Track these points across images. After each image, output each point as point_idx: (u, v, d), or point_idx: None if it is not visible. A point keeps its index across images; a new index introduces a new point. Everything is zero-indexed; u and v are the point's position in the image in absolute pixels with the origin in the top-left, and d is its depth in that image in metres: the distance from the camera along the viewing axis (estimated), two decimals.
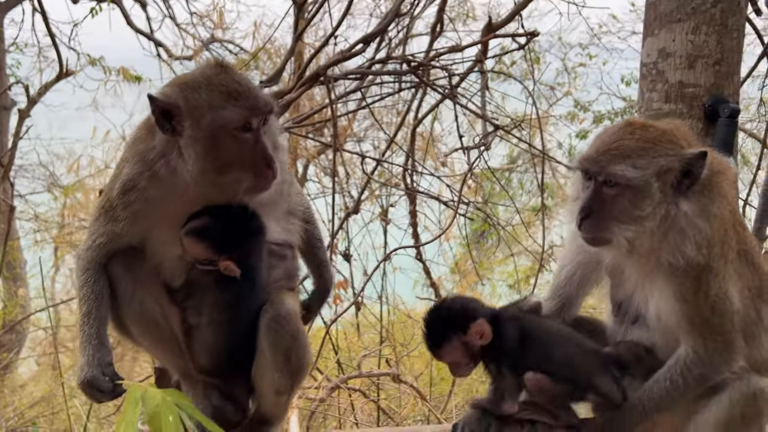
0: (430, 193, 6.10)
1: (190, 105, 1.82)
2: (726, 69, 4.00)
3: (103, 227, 1.96)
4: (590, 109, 11.55)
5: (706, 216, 1.79)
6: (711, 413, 1.86)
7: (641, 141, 1.77)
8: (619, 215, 1.76)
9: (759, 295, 1.93)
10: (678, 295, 1.81)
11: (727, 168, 1.91)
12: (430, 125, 7.55)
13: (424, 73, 4.77)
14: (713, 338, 1.82)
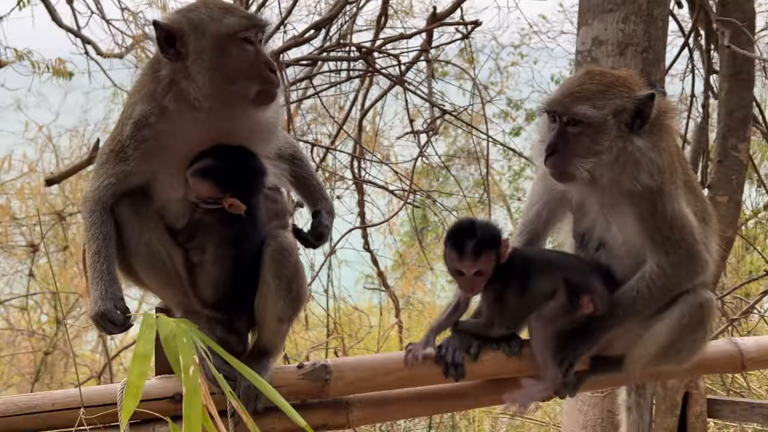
0: (378, 182, 6.23)
1: (192, 22, 1.92)
2: (653, 56, 4.34)
3: (112, 168, 2.00)
4: (522, 107, 12.01)
5: (657, 149, 2.03)
6: (665, 322, 2.09)
7: (600, 85, 1.99)
8: (581, 151, 1.97)
9: (702, 219, 2.17)
10: (638, 218, 2.03)
11: (671, 108, 2.15)
12: (374, 117, 7.71)
13: (373, 60, 4.92)
14: (676, 252, 2.03)
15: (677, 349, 2.11)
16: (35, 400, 1.89)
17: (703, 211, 2.19)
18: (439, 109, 4.95)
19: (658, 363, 2.16)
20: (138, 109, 2.00)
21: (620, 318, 2.07)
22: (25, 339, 9.96)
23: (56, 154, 10.73)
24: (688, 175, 2.18)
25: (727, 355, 2.32)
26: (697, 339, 2.12)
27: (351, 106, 5.91)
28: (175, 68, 1.93)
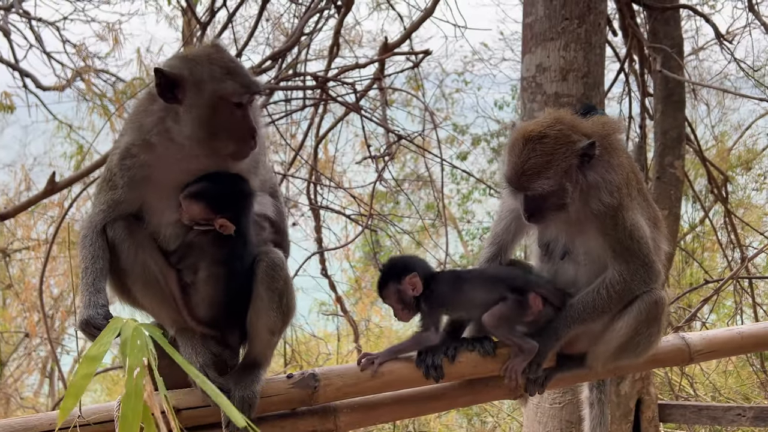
0: (334, 207, 6.35)
1: (194, 77, 2.03)
2: (593, 80, 4.64)
3: (104, 197, 2.13)
4: (468, 132, 12.40)
5: (612, 169, 2.27)
6: (624, 320, 2.29)
7: (544, 156, 2.19)
8: (552, 207, 2.24)
9: (654, 224, 2.39)
10: (601, 231, 2.26)
11: (615, 125, 2.38)
12: (325, 146, 7.85)
13: (328, 89, 5.08)
14: (634, 261, 2.25)
15: (635, 343, 2.30)
16: (32, 422, 1.91)
17: (654, 217, 2.42)
18: (394, 134, 5.13)
19: (618, 358, 2.35)
20: (124, 140, 2.11)
21: (581, 318, 2.26)
22: None
23: None
24: (640, 183, 2.40)
25: (676, 348, 2.52)
26: (653, 333, 2.32)
27: (306, 133, 6.04)
28: (168, 108, 2.05)
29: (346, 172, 8.12)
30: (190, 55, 2.10)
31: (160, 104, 2.04)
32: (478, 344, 2.24)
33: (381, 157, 5.19)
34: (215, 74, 2.02)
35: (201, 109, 2.02)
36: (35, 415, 1.95)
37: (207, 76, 2.02)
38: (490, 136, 12.44)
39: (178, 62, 2.07)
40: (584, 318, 2.26)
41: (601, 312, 2.27)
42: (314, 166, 5.91)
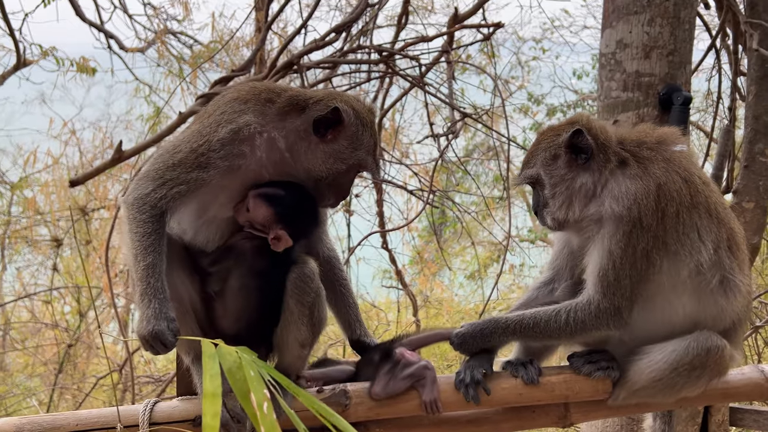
0: (397, 182, 6.21)
1: (356, 134, 2.09)
2: (679, 59, 4.26)
3: (186, 174, 1.94)
4: (543, 102, 11.89)
5: (628, 177, 2.04)
6: (666, 352, 2.06)
7: (533, 146, 2.22)
8: (543, 203, 2.16)
9: (728, 248, 2.11)
10: (606, 250, 2.02)
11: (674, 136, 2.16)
12: (393, 117, 7.69)
13: (393, 62, 4.89)
14: (610, 299, 2.02)
15: (671, 383, 2.08)
16: (59, 420, 1.91)
17: (729, 239, 2.13)
18: (459, 112, 4.91)
19: (645, 393, 2.13)
20: (246, 118, 2.00)
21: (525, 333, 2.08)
22: (49, 330, 10.13)
23: (79, 149, 10.86)
24: (707, 197, 2.11)
25: (753, 382, 2.27)
26: (693, 379, 2.08)
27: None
28: (308, 134, 2.05)
29: (413, 143, 7.94)
30: (359, 110, 2.13)
31: (303, 127, 2.04)
32: (522, 369, 2.08)
33: (444, 135, 4.98)
34: (368, 144, 2.12)
35: (345, 160, 2.07)
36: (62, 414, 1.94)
37: (365, 140, 2.10)
38: (566, 107, 11.90)
39: (351, 111, 2.09)
40: (528, 334, 2.08)
41: (549, 336, 2.09)
42: (378, 140, 5.76)
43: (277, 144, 2.02)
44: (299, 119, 2.04)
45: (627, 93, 4.27)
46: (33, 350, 10.25)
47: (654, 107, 4.24)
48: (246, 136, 1.97)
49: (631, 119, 4.27)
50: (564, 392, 2.08)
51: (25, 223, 10.40)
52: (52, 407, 8.83)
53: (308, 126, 2.04)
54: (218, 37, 9.72)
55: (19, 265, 10.75)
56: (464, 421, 2.08)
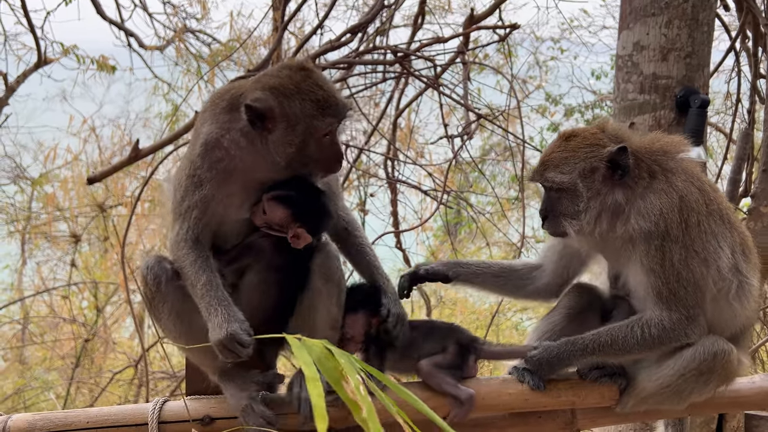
0: (411, 182, 6.22)
1: (285, 111, 1.98)
2: (696, 61, 4.21)
3: (191, 199, 2.00)
4: (561, 102, 11.81)
5: (654, 192, 2.04)
6: (673, 362, 2.06)
7: (566, 151, 2.10)
8: (565, 211, 2.10)
9: (742, 251, 2.11)
10: (646, 267, 2.02)
11: (677, 145, 2.15)
12: (408, 117, 7.68)
13: (409, 63, 4.89)
14: (678, 310, 2.01)
15: (679, 390, 2.07)
16: (70, 418, 1.94)
17: (742, 244, 2.13)
18: (474, 113, 4.90)
19: (653, 400, 2.11)
20: (207, 129, 2.03)
21: (604, 351, 2.05)
22: (67, 325, 10.26)
23: (99, 146, 10.98)
24: (719, 204, 2.11)
25: (764, 391, 2.24)
26: (697, 386, 2.07)
27: (386, 106, 5.89)
28: (255, 133, 2.00)
29: (428, 143, 7.93)
30: (278, 84, 2.00)
31: (247, 127, 2.00)
32: (528, 375, 2.08)
33: (459, 136, 4.98)
34: (306, 109, 1.97)
35: (292, 143, 1.99)
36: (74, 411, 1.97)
37: (299, 111, 1.97)
38: (584, 108, 11.81)
39: (267, 94, 1.98)
40: (607, 352, 2.05)
41: (628, 352, 2.05)
42: (392, 141, 5.77)
43: (239, 144, 2.01)
44: (241, 120, 2.00)
45: (644, 95, 4.23)
46: (51, 344, 10.40)
47: (671, 110, 4.20)
48: (213, 143, 2.01)
49: (648, 122, 4.23)
50: (570, 398, 2.07)
51: (44, 218, 10.55)
52: (69, 401, 8.95)
53: (251, 128, 1.99)
54: (236, 36, 9.79)
55: (38, 260, 10.91)
56: (470, 425, 2.07)
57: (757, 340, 5.76)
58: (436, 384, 2.03)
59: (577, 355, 2.05)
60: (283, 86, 1.98)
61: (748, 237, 2.18)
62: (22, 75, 8.91)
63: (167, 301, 2.00)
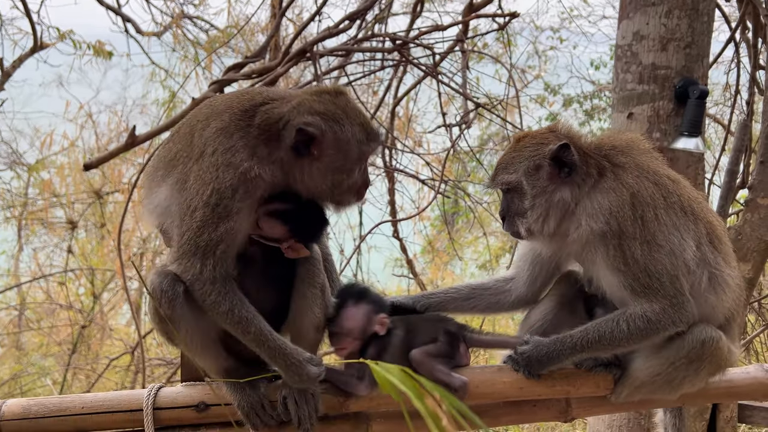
0: (409, 171, 6.20)
1: (337, 137, 1.95)
2: (696, 52, 4.19)
3: (215, 231, 1.88)
4: (560, 92, 11.77)
5: (601, 191, 2.03)
6: (664, 350, 2.06)
7: (514, 152, 2.15)
8: (516, 211, 2.13)
9: (710, 242, 2.10)
10: (612, 267, 2.01)
11: (641, 140, 2.16)
12: (407, 105, 7.65)
13: (407, 51, 4.87)
14: (659, 300, 1.99)
15: (669, 379, 2.07)
16: (65, 403, 1.94)
17: (709, 234, 2.11)
18: (473, 102, 4.88)
19: (646, 389, 2.11)
20: (240, 158, 1.91)
21: (592, 347, 2.04)
22: (64, 311, 10.26)
23: (95, 132, 10.94)
24: (679, 196, 2.09)
25: (757, 382, 2.25)
26: (689, 375, 2.06)
27: (384, 94, 5.86)
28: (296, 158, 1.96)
29: (426, 132, 7.90)
30: (326, 111, 1.96)
31: (288, 156, 1.94)
32: (523, 366, 2.06)
33: (457, 125, 4.96)
34: (357, 135, 1.96)
35: (342, 167, 1.98)
36: (68, 396, 1.97)
37: (351, 136, 1.96)
38: (583, 98, 11.78)
39: (319, 120, 1.94)
40: (596, 348, 2.04)
41: (617, 346, 2.04)
42: (390, 129, 5.75)
43: (276, 174, 1.96)
44: (281, 149, 1.94)
45: (642, 86, 4.22)
46: (48, 330, 10.40)
47: (670, 100, 4.18)
48: (250, 176, 1.92)
49: (646, 112, 4.22)
50: (565, 387, 2.07)
51: (41, 204, 10.52)
52: (65, 387, 8.97)
53: (291, 155, 1.94)
54: (234, 22, 9.72)
55: (35, 246, 10.89)
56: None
57: (752, 332, 5.78)
58: (428, 372, 2.02)
59: (567, 353, 2.04)
60: (330, 111, 1.96)
61: (717, 226, 2.16)
62: (18, 60, 8.86)
63: (183, 321, 1.94)
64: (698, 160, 4.32)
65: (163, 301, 1.90)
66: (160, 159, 2.10)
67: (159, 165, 2.08)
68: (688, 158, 4.23)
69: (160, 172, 2.05)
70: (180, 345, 1.98)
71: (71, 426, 1.92)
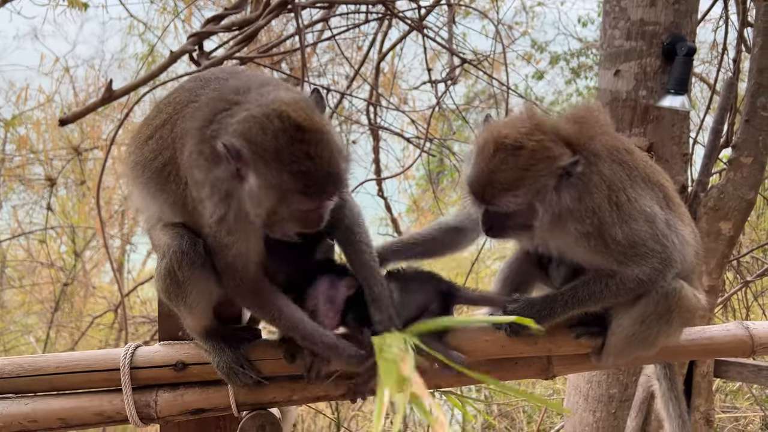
0: (393, 129, 6.12)
1: (260, 173, 1.70)
2: (685, 8, 4.13)
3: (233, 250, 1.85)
4: (547, 50, 11.64)
5: (588, 191, 1.97)
6: (630, 314, 2.07)
7: (518, 170, 1.89)
8: (516, 227, 2.00)
9: (667, 205, 2.09)
10: (594, 252, 2.00)
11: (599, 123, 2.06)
12: (392, 61, 7.51)
13: (392, 3, 4.74)
14: (648, 261, 1.99)
15: (644, 336, 2.08)
16: (40, 363, 1.90)
17: (665, 197, 2.11)
18: (459, 57, 4.78)
19: (628, 352, 2.13)
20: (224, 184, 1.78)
21: (583, 304, 2.03)
22: (45, 269, 10.18)
23: (73, 87, 10.67)
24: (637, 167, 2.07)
25: (737, 339, 2.27)
26: (662, 328, 2.07)
27: (369, 49, 5.73)
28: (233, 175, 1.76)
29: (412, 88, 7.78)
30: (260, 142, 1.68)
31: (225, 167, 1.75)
32: (506, 323, 2.06)
33: (442, 81, 4.87)
34: (284, 185, 1.68)
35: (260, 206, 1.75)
36: (43, 356, 1.93)
37: (275, 182, 1.68)
38: (570, 56, 11.67)
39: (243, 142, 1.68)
40: (585, 306, 2.04)
41: (605, 301, 2.05)
42: (375, 86, 5.64)
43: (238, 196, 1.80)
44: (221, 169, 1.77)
45: (630, 42, 4.16)
46: (30, 288, 10.32)
47: (657, 57, 4.14)
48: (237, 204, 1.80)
49: (633, 69, 4.17)
50: (547, 345, 2.08)
51: (18, 161, 10.31)
52: (49, 344, 8.96)
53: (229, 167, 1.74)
54: None
55: (14, 203, 10.71)
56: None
57: (730, 290, 5.86)
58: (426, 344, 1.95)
59: (558, 312, 2.03)
60: (263, 146, 1.68)
61: (669, 187, 2.16)
62: None
63: (198, 284, 1.88)
64: (684, 119, 4.29)
65: (184, 263, 1.83)
66: (147, 160, 1.94)
67: (146, 169, 1.94)
68: (674, 116, 4.20)
69: (153, 183, 1.92)
70: (180, 305, 1.91)
71: (47, 386, 1.89)
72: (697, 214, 4.31)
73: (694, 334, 2.25)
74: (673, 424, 2.45)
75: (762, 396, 6.59)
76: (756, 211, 7.53)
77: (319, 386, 1.99)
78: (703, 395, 4.60)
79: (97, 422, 1.87)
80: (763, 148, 4.64)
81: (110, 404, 1.89)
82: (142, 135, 1.98)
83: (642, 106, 4.15)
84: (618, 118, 4.21)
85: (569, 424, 4.28)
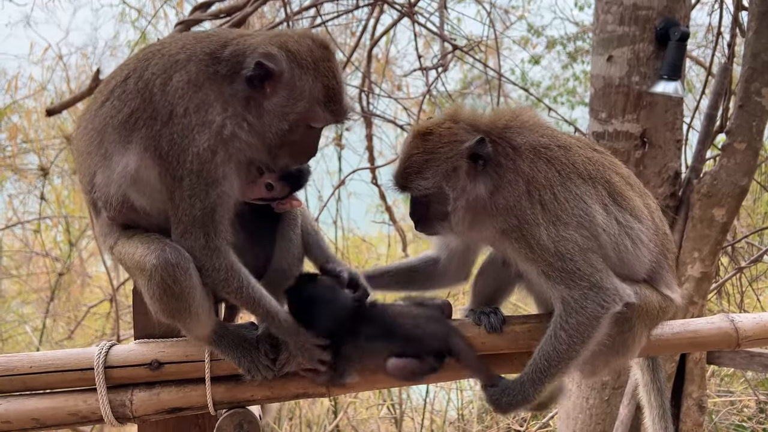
0: (387, 116, 6.06)
1: (294, 83, 1.81)
2: None
3: (206, 199, 1.79)
4: (543, 34, 11.53)
5: (502, 186, 1.95)
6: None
7: (425, 153, 1.95)
8: (436, 214, 2.00)
9: (613, 201, 2.02)
10: (522, 257, 1.95)
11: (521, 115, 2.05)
12: (385, 47, 7.44)
13: None
14: (578, 284, 1.91)
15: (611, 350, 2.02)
16: (12, 362, 1.88)
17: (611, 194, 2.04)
18: (450, 44, 4.72)
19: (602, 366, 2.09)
20: (213, 115, 1.79)
21: (550, 373, 1.95)
22: (41, 258, 10.16)
23: (66, 75, 10.59)
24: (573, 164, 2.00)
25: (722, 332, 2.24)
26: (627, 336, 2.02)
27: (360, 35, 5.67)
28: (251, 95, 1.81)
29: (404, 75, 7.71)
30: (296, 49, 1.82)
31: (243, 84, 1.80)
32: (485, 318, 2.04)
33: (434, 68, 4.82)
34: (315, 92, 1.81)
35: (285, 118, 1.83)
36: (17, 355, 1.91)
37: (307, 89, 1.81)
38: (566, 40, 11.56)
39: (282, 55, 1.80)
40: (553, 372, 1.95)
41: (569, 359, 1.94)
42: (367, 73, 5.58)
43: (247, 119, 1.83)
44: (240, 82, 1.81)
45: (623, 27, 4.11)
46: (25, 278, 10.31)
47: (650, 42, 4.09)
48: (226, 135, 1.80)
49: (626, 55, 4.12)
50: (528, 341, 2.04)
51: (10, 150, 10.25)
52: (45, 334, 8.96)
53: (245, 87, 1.80)
54: None
55: (9, 193, 10.67)
56: None
57: (725, 275, 5.84)
58: (402, 380, 1.97)
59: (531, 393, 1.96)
60: (300, 55, 1.82)
61: (617, 181, 2.07)
62: None
63: (196, 290, 1.83)
64: (677, 105, 4.25)
65: (178, 275, 1.78)
66: (104, 121, 1.86)
67: (106, 128, 1.85)
68: (667, 102, 4.16)
69: (113, 137, 1.83)
70: (185, 318, 1.85)
71: (20, 385, 1.87)
72: (690, 201, 4.27)
73: (679, 328, 2.22)
74: (653, 413, 2.42)
75: (755, 380, 6.60)
76: (752, 194, 7.50)
77: (296, 383, 1.97)
78: (696, 382, 4.60)
79: (72, 422, 1.85)
80: (757, 133, 4.59)
81: (85, 404, 1.87)
82: (95, 104, 1.94)
83: (635, 92, 4.10)
84: (611, 104, 4.17)
85: (563, 411, 4.27)
